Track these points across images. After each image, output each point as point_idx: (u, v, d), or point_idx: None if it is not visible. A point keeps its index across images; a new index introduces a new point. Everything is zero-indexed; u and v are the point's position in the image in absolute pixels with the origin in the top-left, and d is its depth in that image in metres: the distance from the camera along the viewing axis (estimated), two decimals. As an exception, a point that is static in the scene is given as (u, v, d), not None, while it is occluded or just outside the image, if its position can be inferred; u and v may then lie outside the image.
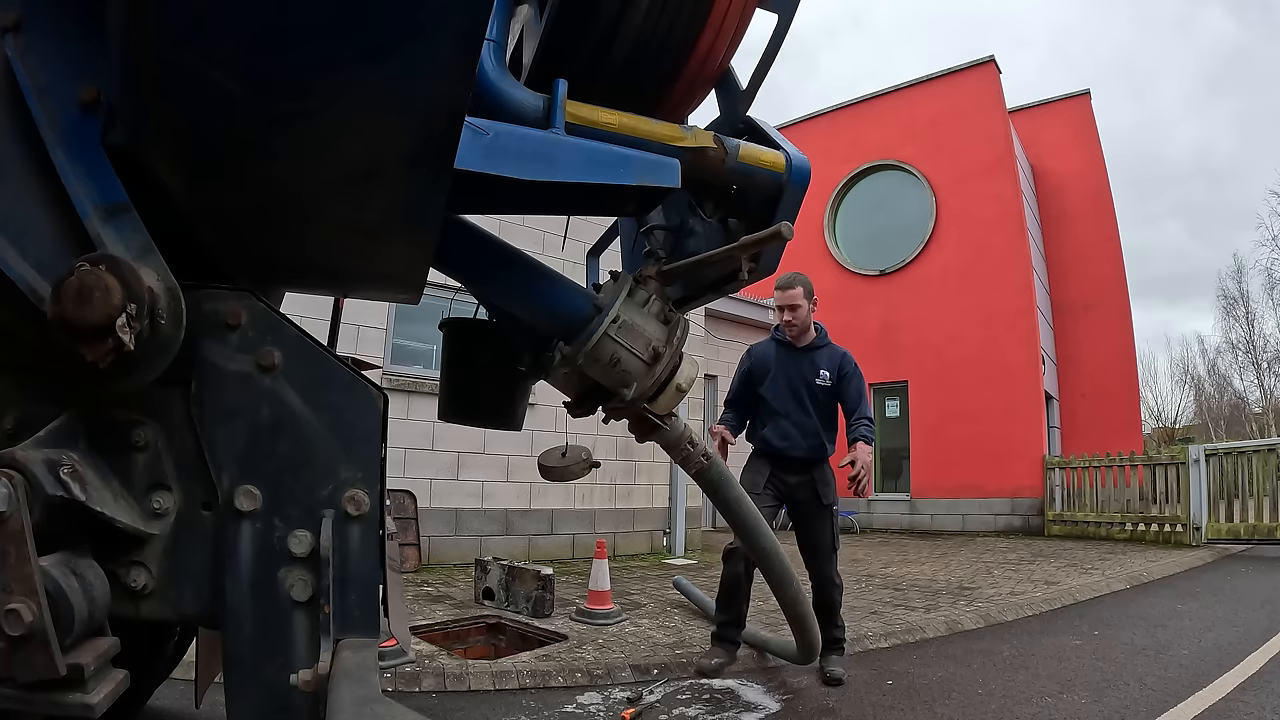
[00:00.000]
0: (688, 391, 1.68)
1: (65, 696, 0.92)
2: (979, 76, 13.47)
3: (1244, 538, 9.31)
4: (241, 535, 1.08)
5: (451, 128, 0.96)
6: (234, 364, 1.11)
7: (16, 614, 0.86)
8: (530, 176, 1.26)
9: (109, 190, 1.00)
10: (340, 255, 1.31)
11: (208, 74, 0.86)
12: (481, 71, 1.34)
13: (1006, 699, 3.39)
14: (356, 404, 1.14)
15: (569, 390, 1.81)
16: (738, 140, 1.57)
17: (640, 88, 1.55)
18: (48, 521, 0.94)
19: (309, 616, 1.08)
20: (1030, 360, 12.20)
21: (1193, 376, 32.43)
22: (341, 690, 0.90)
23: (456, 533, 7.06)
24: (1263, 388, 27.52)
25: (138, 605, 1.10)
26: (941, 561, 8.20)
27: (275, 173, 1.02)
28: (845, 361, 3.83)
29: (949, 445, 12.45)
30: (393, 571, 1.61)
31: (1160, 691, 3.46)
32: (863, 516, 12.92)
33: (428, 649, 4.02)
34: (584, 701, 3.38)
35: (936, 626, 4.86)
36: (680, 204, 1.83)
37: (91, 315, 0.90)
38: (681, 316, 1.69)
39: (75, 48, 1.02)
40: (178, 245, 1.06)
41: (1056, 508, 11.34)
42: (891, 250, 13.92)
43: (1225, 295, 28.28)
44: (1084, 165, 15.12)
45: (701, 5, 1.45)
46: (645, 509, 8.72)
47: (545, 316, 1.69)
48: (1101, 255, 14.72)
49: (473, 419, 2.24)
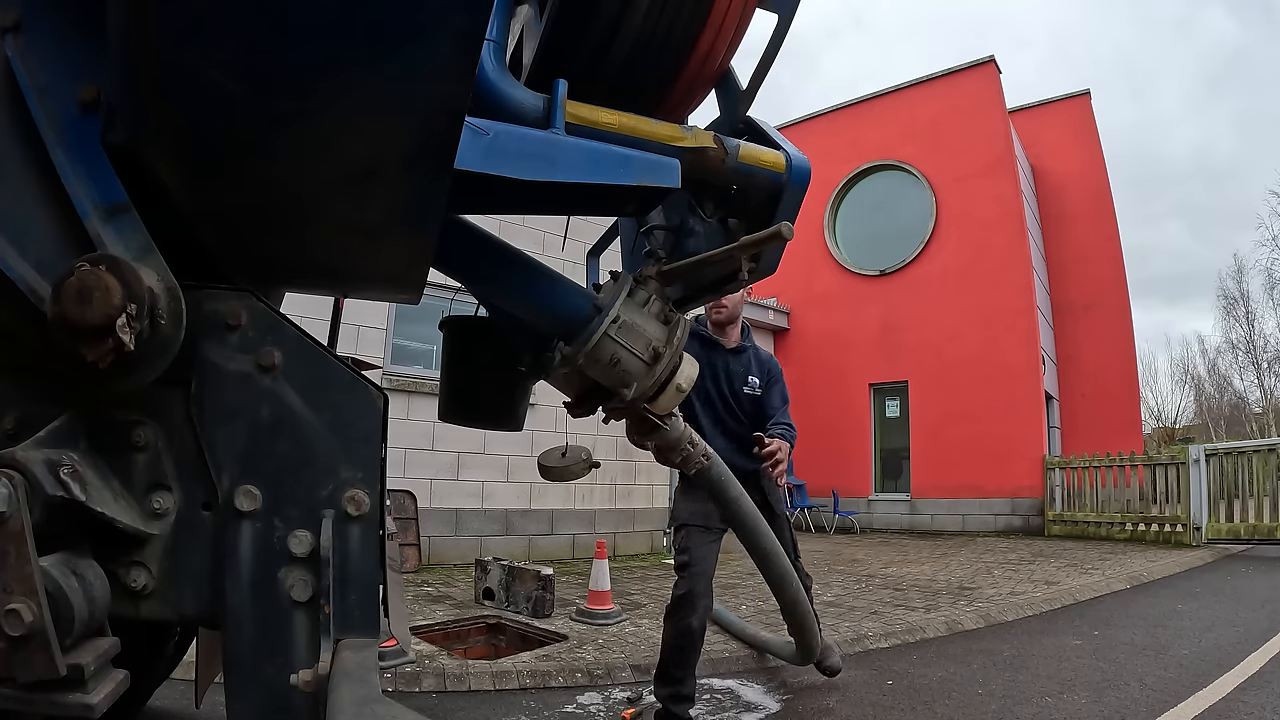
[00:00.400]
0: (688, 391, 1.68)
1: (65, 697, 0.92)
2: (979, 76, 13.47)
3: (1244, 538, 9.31)
4: (241, 535, 1.08)
5: (451, 128, 0.96)
6: (234, 364, 1.11)
7: (17, 614, 0.86)
8: (530, 176, 1.26)
9: (109, 190, 1.00)
10: (340, 255, 1.31)
11: (208, 74, 0.86)
12: (481, 71, 1.34)
13: (1006, 699, 3.38)
14: (356, 404, 1.14)
15: (569, 390, 1.80)
16: (738, 140, 1.57)
17: (640, 88, 1.55)
18: (48, 521, 0.94)
19: (309, 617, 1.08)
20: (1030, 360, 12.20)
21: (1193, 376, 32.47)
22: (341, 690, 0.90)
23: (457, 533, 7.06)
24: (1263, 388, 27.54)
25: (138, 605, 1.10)
26: (942, 561, 8.20)
27: (275, 173, 1.02)
28: (773, 367, 3.43)
29: (949, 445, 12.45)
30: (393, 572, 1.61)
31: (1160, 691, 3.46)
32: (863, 516, 12.92)
33: (428, 649, 4.02)
34: (584, 701, 3.38)
35: (937, 626, 4.86)
36: (680, 204, 1.83)
37: (91, 315, 0.90)
38: (682, 317, 1.69)
39: (75, 48, 1.02)
40: (178, 245, 1.06)
41: (1057, 508, 11.34)
42: (892, 250, 13.93)
43: (1225, 295, 28.31)
44: (1084, 165, 15.12)
45: (701, 5, 1.45)
46: (645, 509, 8.72)
47: (545, 316, 1.69)
48: (1101, 255, 14.72)
49: (473, 419, 2.24)
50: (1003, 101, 13.34)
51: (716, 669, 3.89)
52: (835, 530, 12.64)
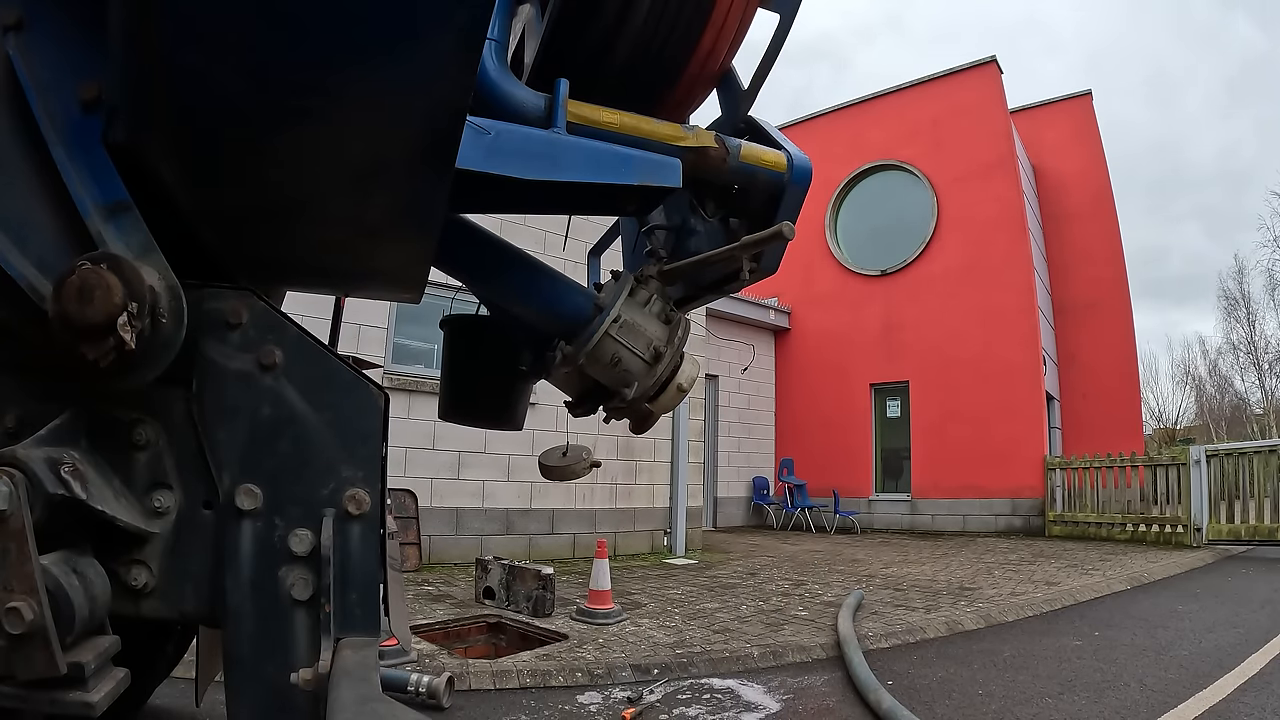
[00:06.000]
0: (689, 391, 1.68)
1: (65, 695, 0.92)
2: (980, 77, 13.46)
3: (1245, 539, 9.30)
4: (242, 534, 1.08)
5: (453, 127, 0.96)
6: (235, 363, 1.10)
7: (17, 612, 0.86)
8: (532, 176, 1.26)
9: (110, 189, 1.00)
10: (341, 254, 1.31)
11: (209, 73, 0.86)
12: (483, 71, 1.34)
13: (1007, 700, 3.38)
14: (357, 403, 1.13)
15: (570, 390, 1.80)
16: (739, 140, 1.57)
17: (642, 87, 1.55)
18: (49, 520, 0.94)
19: (309, 615, 1.08)
20: (1031, 360, 12.19)
21: (1194, 377, 32.41)
22: (342, 689, 0.90)
23: (457, 532, 7.06)
24: (1264, 389, 27.48)
25: (138, 604, 1.10)
26: (942, 562, 8.20)
27: (276, 171, 1.02)
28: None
29: (950, 445, 12.44)
30: (393, 571, 1.61)
31: (1161, 692, 3.45)
32: (863, 517, 12.92)
33: (428, 648, 4.02)
34: (584, 701, 3.38)
35: (937, 627, 4.86)
36: (681, 203, 1.83)
37: (93, 314, 0.90)
38: (683, 316, 1.69)
39: (76, 46, 1.01)
40: (179, 244, 1.06)
41: (1057, 508, 11.33)
42: (893, 250, 13.91)
43: (1227, 296, 28.22)
44: (1085, 165, 15.11)
45: (703, 5, 1.45)
46: (646, 509, 8.72)
47: (546, 316, 1.69)
48: (1103, 255, 14.71)
49: (473, 418, 2.24)
50: (1004, 101, 13.33)
51: (716, 669, 3.89)
52: (836, 530, 12.63)
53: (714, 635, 4.47)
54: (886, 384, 13.55)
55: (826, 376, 13.87)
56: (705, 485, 11.17)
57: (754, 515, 13.58)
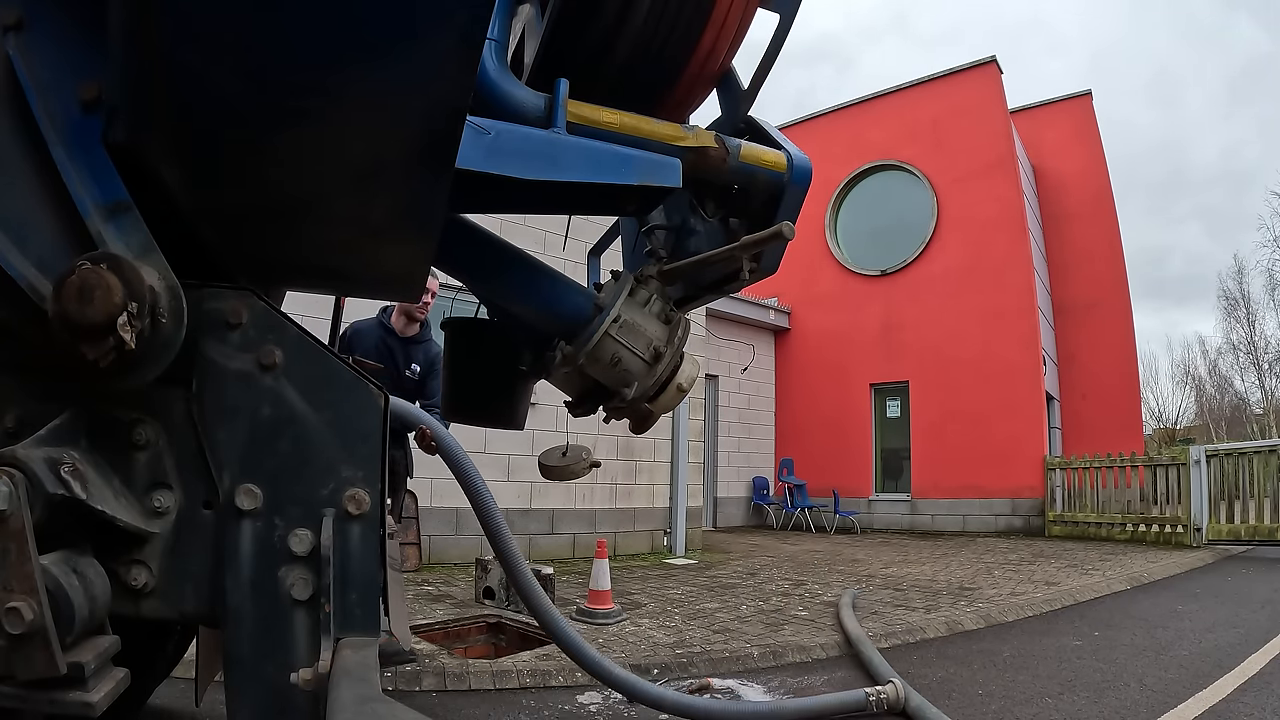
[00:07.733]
0: (689, 391, 1.68)
1: (65, 695, 0.92)
2: (980, 77, 13.45)
3: (1244, 539, 9.29)
4: (242, 534, 1.08)
5: (453, 127, 0.96)
6: (235, 363, 1.10)
7: (17, 612, 0.86)
8: (532, 176, 1.26)
9: (110, 189, 1.00)
10: (341, 254, 1.31)
11: (209, 73, 0.86)
12: (483, 70, 1.34)
13: (1007, 700, 3.38)
14: (357, 403, 1.13)
15: (570, 390, 1.81)
16: (739, 140, 1.57)
17: (642, 87, 1.55)
18: (48, 520, 0.94)
19: (309, 615, 1.08)
20: (1031, 360, 12.19)
21: (1194, 377, 32.40)
22: (342, 689, 0.90)
23: (457, 532, 7.06)
24: (1264, 389, 27.47)
25: (138, 604, 1.10)
26: (942, 562, 8.20)
27: (276, 171, 1.02)
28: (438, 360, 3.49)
29: (950, 445, 12.44)
30: (393, 570, 1.61)
31: (1160, 692, 3.46)
32: (863, 516, 12.92)
33: (428, 648, 4.02)
34: (584, 701, 3.38)
35: (937, 627, 4.86)
36: (681, 203, 1.83)
37: (93, 314, 0.89)
38: (683, 316, 1.69)
39: (76, 46, 1.01)
40: (179, 244, 1.06)
41: (1057, 508, 11.33)
42: (893, 250, 13.91)
43: (1226, 296, 28.20)
44: (1085, 165, 15.10)
45: (703, 5, 1.45)
46: (646, 509, 8.72)
47: (546, 316, 1.69)
48: (1103, 255, 14.71)
49: (474, 418, 2.24)
50: (1004, 102, 13.32)
51: (716, 669, 3.89)
52: (835, 530, 12.63)
53: (714, 635, 4.47)
54: (886, 384, 13.55)
55: (826, 376, 13.86)
56: (705, 485, 11.17)
57: (754, 515, 13.57)
